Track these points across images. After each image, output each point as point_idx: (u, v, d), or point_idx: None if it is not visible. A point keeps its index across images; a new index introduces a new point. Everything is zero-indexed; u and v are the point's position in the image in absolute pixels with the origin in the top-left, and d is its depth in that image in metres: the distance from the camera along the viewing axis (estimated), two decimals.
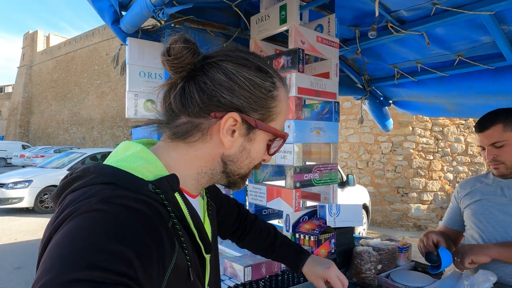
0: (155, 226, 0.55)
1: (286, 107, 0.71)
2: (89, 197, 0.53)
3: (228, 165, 0.68)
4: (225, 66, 0.63)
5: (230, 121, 0.63)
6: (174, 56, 0.61)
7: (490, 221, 1.47)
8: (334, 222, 1.53)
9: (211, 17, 1.77)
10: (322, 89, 1.64)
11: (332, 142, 1.71)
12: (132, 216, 0.53)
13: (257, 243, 1.08)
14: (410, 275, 1.48)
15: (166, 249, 0.55)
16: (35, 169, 9.87)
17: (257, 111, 0.65)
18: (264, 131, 0.67)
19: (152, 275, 0.52)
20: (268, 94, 0.66)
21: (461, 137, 7.71)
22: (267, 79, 0.67)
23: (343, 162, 8.34)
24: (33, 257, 5.19)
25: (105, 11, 1.46)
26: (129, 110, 1.58)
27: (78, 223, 0.50)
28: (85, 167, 0.60)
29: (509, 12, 1.53)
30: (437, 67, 2.10)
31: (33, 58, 40.56)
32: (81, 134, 30.95)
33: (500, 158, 1.45)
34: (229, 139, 0.64)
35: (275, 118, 0.68)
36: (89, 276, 0.44)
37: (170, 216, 0.60)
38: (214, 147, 0.66)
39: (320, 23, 1.76)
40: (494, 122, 1.44)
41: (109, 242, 0.48)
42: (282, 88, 0.70)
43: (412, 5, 1.63)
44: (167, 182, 0.60)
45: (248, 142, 0.67)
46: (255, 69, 0.66)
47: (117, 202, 0.53)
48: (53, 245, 0.49)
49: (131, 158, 0.62)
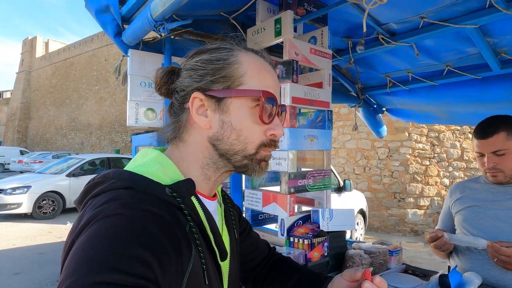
0: (173, 230, 0.57)
1: (253, 66, 0.68)
2: (109, 201, 0.56)
3: (218, 146, 0.67)
4: (186, 64, 0.70)
5: (196, 102, 0.66)
6: (154, 83, 0.71)
7: (480, 227, 1.48)
8: (327, 226, 1.59)
9: (209, 29, 1.84)
10: (316, 98, 1.71)
11: (326, 149, 1.78)
12: (151, 220, 0.55)
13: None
14: (400, 278, 1.54)
15: (184, 252, 0.57)
16: (33, 174, 9.88)
17: (218, 82, 0.66)
18: (235, 97, 0.66)
19: (171, 278, 0.53)
20: (223, 63, 0.66)
21: (457, 142, 7.80)
22: (221, 52, 0.68)
23: (340, 168, 8.41)
24: (32, 262, 5.21)
25: (108, 24, 1.53)
26: (130, 118, 1.64)
27: (100, 227, 0.52)
28: (106, 173, 0.63)
29: (493, 25, 1.61)
30: (427, 76, 2.17)
31: (32, 63, 40.69)
32: (80, 140, 30.94)
33: (499, 166, 1.44)
34: (203, 119, 0.66)
35: (243, 81, 0.66)
36: (111, 279, 0.46)
37: (187, 219, 0.61)
38: (198, 134, 0.68)
39: (313, 35, 1.84)
40: (497, 130, 1.42)
41: (130, 246, 0.50)
42: (243, 52, 0.69)
43: (401, 18, 1.71)
44: (183, 186, 0.63)
45: (224, 114, 0.66)
46: (207, 50, 0.69)
47: (136, 207, 0.55)
48: (76, 249, 0.51)
49: (148, 163, 0.65)
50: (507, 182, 1.47)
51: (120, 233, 0.51)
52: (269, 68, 0.71)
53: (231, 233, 0.80)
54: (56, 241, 6.41)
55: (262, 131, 0.68)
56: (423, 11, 1.61)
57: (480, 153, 1.49)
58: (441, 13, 1.58)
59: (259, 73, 0.68)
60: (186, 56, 0.72)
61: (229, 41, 0.72)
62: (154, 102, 1.70)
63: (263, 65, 0.70)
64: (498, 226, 1.43)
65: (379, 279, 0.71)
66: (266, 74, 0.69)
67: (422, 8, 1.59)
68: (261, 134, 0.68)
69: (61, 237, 6.70)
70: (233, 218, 0.84)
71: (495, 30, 1.64)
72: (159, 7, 1.19)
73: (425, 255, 5.62)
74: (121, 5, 1.49)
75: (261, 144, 0.68)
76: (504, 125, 1.43)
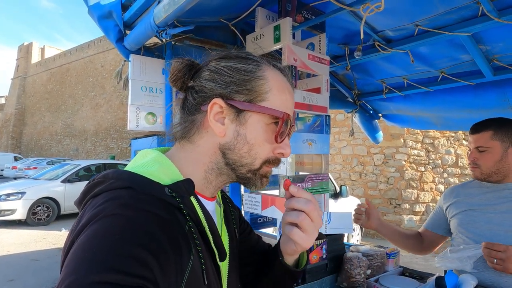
0: (172, 230, 0.57)
1: (278, 86, 0.68)
2: (108, 201, 0.56)
3: (227, 154, 0.67)
4: (210, 65, 0.69)
5: (215, 108, 0.65)
6: (171, 73, 0.70)
7: (476, 231, 1.50)
8: (325, 229, 1.61)
9: (209, 35, 1.88)
10: (314, 103, 1.74)
11: (324, 153, 1.80)
12: (151, 220, 0.55)
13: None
14: (397, 280, 1.56)
15: (183, 252, 0.57)
16: (28, 180, 9.81)
17: (242, 93, 0.65)
18: (255, 112, 0.66)
19: (171, 278, 0.54)
20: (251, 75, 0.66)
21: (451, 149, 7.88)
22: (249, 63, 0.68)
23: (337, 174, 8.45)
24: (26, 269, 5.16)
25: (110, 30, 1.55)
26: (131, 122, 1.66)
27: (100, 227, 0.52)
28: (105, 173, 0.63)
29: (486, 33, 1.66)
30: (422, 82, 2.22)
31: (28, 69, 40.56)
32: (75, 146, 30.76)
33: (478, 162, 1.52)
34: (219, 127, 0.66)
35: (266, 97, 0.66)
36: (110, 279, 0.47)
37: (186, 219, 0.61)
38: (210, 138, 0.68)
39: (311, 42, 1.88)
40: (486, 128, 1.52)
41: (129, 246, 0.50)
42: (270, 69, 0.69)
43: (397, 25, 1.76)
44: (183, 186, 0.62)
45: (241, 126, 0.66)
46: (236, 57, 0.69)
47: (136, 207, 0.55)
48: (75, 249, 0.51)
49: (148, 163, 0.66)
50: (484, 179, 1.55)
51: (119, 233, 0.51)
52: (290, 90, 0.72)
53: (231, 233, 0.80)
54: (51, 248, 6.35)
55: (271, 149, 0.69)
56: (418, 19, 1.65)
57: (469, 148, 1.59)
58: (436, 21, 1.63)
59: (282, 93, 0.68)
60: (210, 56, 0.71)
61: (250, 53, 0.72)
62: (155, 107, 1.72)
63: (286, 85, 0.71)
64: (493, 230, 1.46)
65: (293, 188, 0.70)
66: (288, 95, 0.70)
67: (417, 16, 1.64)
68: (269, 151, 0.69)
69: (55, 244, 6.64)
70: (234, 218, 0.84)
71: (488, 37, 1.69)
72: (162, 13, 1.22)
73: (421, 260, 5.64)
74: (124, 11, 1.51)
75: (267, 160, 0.69)
76: (494, 125, 1.51)
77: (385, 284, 1.50)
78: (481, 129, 1.53)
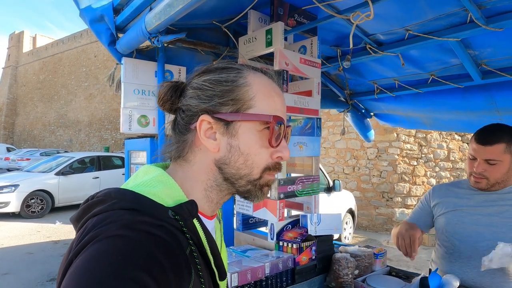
0: (174, 253, 0.56)
1: (263, 90, 0.67)
2: (111, 222, 0.54)
3: (224, 169, 0.66)
4: (193, 82, 0.69)
5: (204, 125, 0.65)
6: (158, 98, 0.71)
7: (462, 231, 1.53)
8: (315, 231, 1.65)
9: (201, 37, 1.88)
10: (305, 106, 1.77)
11: (314, 155, 1.84)
12: (153, 243, 0.54)
13: None
14: (384, 279, 1.61)
15: (184, 276, 0.57)
16: (21, 173, 9.75)
17: (227, 105, 0.64)
18: (244, 121, 0.65)
19: None
20: (232, 85, 0.65)
21: (444, 143, 7.98)
22: (229, 72, 0.67)
23: (330, 167, 8.52)
24: (20, 262, 5.18)
25: (102, 33, 1.55)
26: (124, 125, 1.68)
27: (100, 248, 0.51)
28: (107, 191, 0.62)
29: (474, 39, 1.69)
30: (413, 84, 2.25)
31: (19, 59, 39.88)
32: (68, 137, 30.52)
33: (487, 173, 1.46)
34: (212, 143, 0.65)
35: (252, 104, 0.65)
36: None
37: (188, 242, 0.61)
38: (204, 155, 0.67)
39: (303, 44, 1.89)
40: (499, 140, 1.43)
41: (130, 269, 0.49)
42: (252, 74, 0.68)
43: (387, 30, 1.78)
44: (186, 208, 0.62)
45: (232, 138, 0.65)
46: (215, 69, 0.68)
47: (138, 228, 0.54)
48: (75, 269, 0.50)
49: (151, 182, 0.64)
50: (487, 189, 1.52)
51: (121, 255, 0.50)
52: (277, 90, 0.70)
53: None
54: (45, 241, 6.36)
55: (269, 154, 0.67)
56: (408, 24, 1.68)
57: (474, 157, 1.51)
58: (425, 27, 1.66)
59: (269, 97, 0.67)
60: (192, 73, 0.71)
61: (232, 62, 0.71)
62: (147, 109, 1.73)
63: (272, 87, 0.69)
64: (479, 231, 1.49)
65: None
66: (276, 97, 0.68)
67: (407, 21, 1.66)
68: (267, 158, 0.67)
69: (49, 237, 6.65)
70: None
71: (476, 43, 1.72)
72: (154, 21, 1.23)
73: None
74: (116, 15, 1.52)
75: (266, 167, 0.67)
76: (506, 137, 1.44)
77: (372, 284, 1.55)
78: (492, 142, 1.44)
